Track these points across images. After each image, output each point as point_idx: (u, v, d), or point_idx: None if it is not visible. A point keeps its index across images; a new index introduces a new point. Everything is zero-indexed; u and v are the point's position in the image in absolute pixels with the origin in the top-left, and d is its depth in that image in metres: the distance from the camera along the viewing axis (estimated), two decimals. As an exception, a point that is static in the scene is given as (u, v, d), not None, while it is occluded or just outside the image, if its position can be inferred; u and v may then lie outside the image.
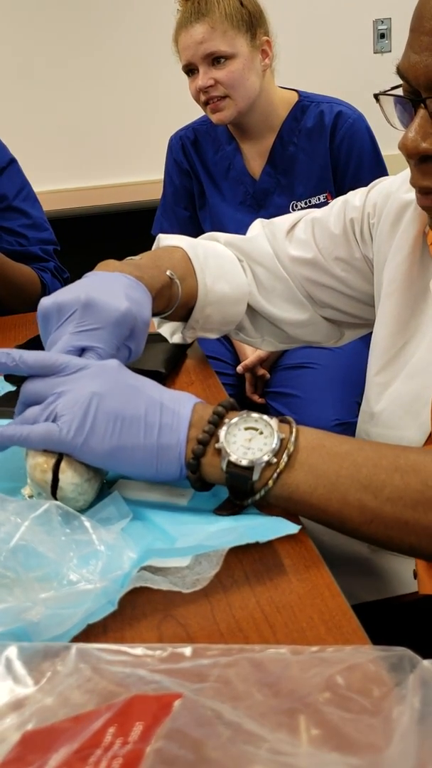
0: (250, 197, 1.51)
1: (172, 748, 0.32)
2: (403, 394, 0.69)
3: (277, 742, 0.33)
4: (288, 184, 1.48)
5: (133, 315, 0.61)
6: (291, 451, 0.51)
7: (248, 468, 0.50)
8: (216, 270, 0.79)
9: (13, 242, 1.29)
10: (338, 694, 0.37)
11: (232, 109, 1.36)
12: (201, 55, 1.32)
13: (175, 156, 1.56)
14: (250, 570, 0.50)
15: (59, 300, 0.59)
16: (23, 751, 0.34)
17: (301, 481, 0.51)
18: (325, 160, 1.45)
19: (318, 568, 0.50)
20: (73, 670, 0.39)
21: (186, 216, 1.61)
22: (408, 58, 0.54)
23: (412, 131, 0.54)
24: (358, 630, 0.44)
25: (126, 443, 0.52)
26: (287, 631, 0.45)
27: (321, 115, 1.44)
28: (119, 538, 0.49)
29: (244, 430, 0.52)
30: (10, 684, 0.39)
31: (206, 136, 1.52)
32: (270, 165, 1.48)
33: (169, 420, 0.53)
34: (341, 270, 0.80)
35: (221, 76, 1.33)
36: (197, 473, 0.52)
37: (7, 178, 1.31)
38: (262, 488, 0.51)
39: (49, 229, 1.38)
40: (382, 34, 2.68)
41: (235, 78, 1.33)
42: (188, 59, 1.35)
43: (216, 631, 0.45)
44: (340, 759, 0.33)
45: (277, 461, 0.51)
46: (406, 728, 0.34)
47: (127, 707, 0.36)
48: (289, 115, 1.45)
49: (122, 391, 0.53)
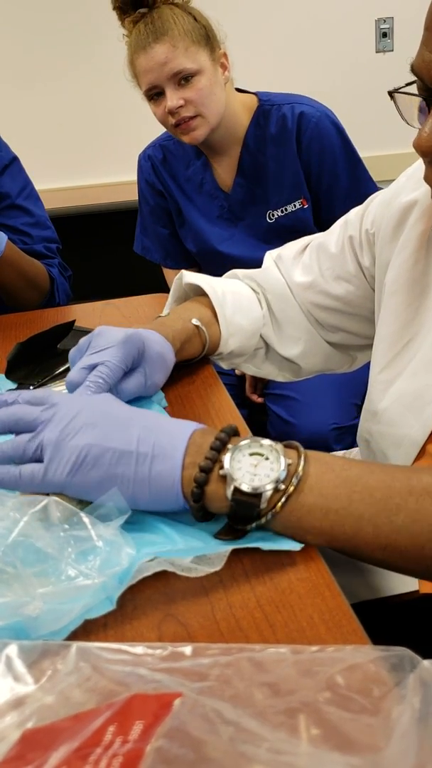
0: (226, 211, 1.48)
1: (172, 747, 0.32)
2: (406, 391, 0.69)
3: (277, 742, 0.33)
4: (261, 194, 1.44)
5: (140, 337, 0.66)
6: (300, 475, 0.49)
7: (255, 495, 0.49)
8: (233, 306, 0.82)
9: (17, 240, 1.29)
10: (338, 693, 0.37)
11: (205, 126, 1.32)
12: (167, 76, 1.26)
13: (146, 177, 1.53)
14: (250, 569, 0.50)
15: (78, 343, 0.68)
16: (23, 750, 0.34)
17: (312, 505, 0.49)
18: (295, 166, 1.40)
19: (318, 568, 0.50)
20: (74, 669, 0.40)
21: (165, 234, 1.58)
22: (422, 56, 0.54)
23: (427, 130, 0.54)
24: (358, 630, 0.44)
25: (116, 475, 0.50)
26: (287, 630, 0.45)
27: (283, 119, 1.38)
28: (118, 534, 0.49)
29: (249, 456, 0.50)
30: (10, 682, 0.39)
31: (174, 153, 1.48)
32: (240, 176, 1.44)
33: (162, 450, 0.51)
34: (344, 290, 0.82)
35: (190, 95, 1.28)
36: (200, 502, 0.50)
37: (9, 176, 1.31)
38: (269, 512, 0.49)
39: (52, 228, 1.38)
40: (384, 33, 2.68)
41: (204, 95, 1.29)
42: (152, 82, 1.28)
43: (216, 631, 0.45)
44: (340, 758, 0.33)
45: (286, 486, 0.49)
46: (405, 728, 0.34)
47: (127, 706, 0.36)
48: (252, 122, 1.39)
49: (110, 424, 0.52)
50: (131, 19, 1.30)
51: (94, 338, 0.66)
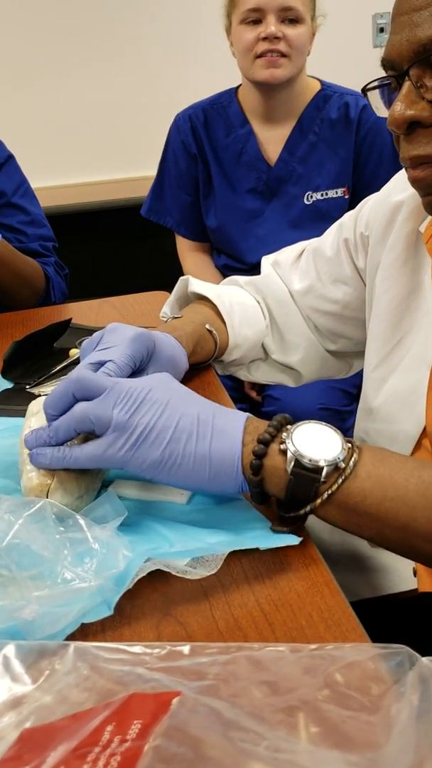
0: (263, 184, 1.46)
1: (170, 746, 0.32)
2: (399, 388, 0.70)
3: (276, 740, 0.33)
4: (305, 174, 1.44)
5: (151, 337, 0.65)
6: (357, 459, 0.50)
7: (316, 470, 0.49)
8: (240, 317, 0.83)
9: (12, 239, 1.29)
10: (337, 691, 0.37)
11: (289, 69, 1.33)
12: (278, 6, 1.28)
13: (183, 137, 1.48)
14: (249, 568, 0.50)
15: (93, 335, 0.67)
16: (22, 749, 0.34)
17: (368, 491, 0.49)
18: (348, 154, 1.43)
19: (317, 566, 0.50)
20: (72, 669, 0.39)
21: (188, 201, 1.54)
22: (390, 42, 0.55)
23: (398, 103, 0.55)
24: (357, 628, 0.44)
25: (176, 451, 0.50)
26: (286, 629, 0.44)
27: (346, 107, 1.41)
28: (114, 536, 0.49)
29: (309, 435, 0.51)
30: (8, 682, 0.39)
31: (217, 117, 1.46)
32: (287, 152, 1.43)
33: (222, 425, 0.51)
34: (342, 293, 0.82)
35: (291, 34, 1.31)
36: (260, 475, 0.50)
37: (5, 174, 1.30)
38: (325, 492, 0.49)
39: (48, 226, 1.37)
40: (382, 28, 2.67)
41: (301, 42, 1.32)
42: (260, 4, 1.28)
43: (215, 630, 0.45)
44: (339, 756, 0.33)
45: (345, 466, 0.49)
46: (404, 725, 0.34)
47: (125, 705, 0.36)
48: (311, 103, 1.42)
49: (171, 401, 0.52)
50: None
51: (106, 334, 0.66)
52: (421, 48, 0.53)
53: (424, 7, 0.52)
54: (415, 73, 0.54)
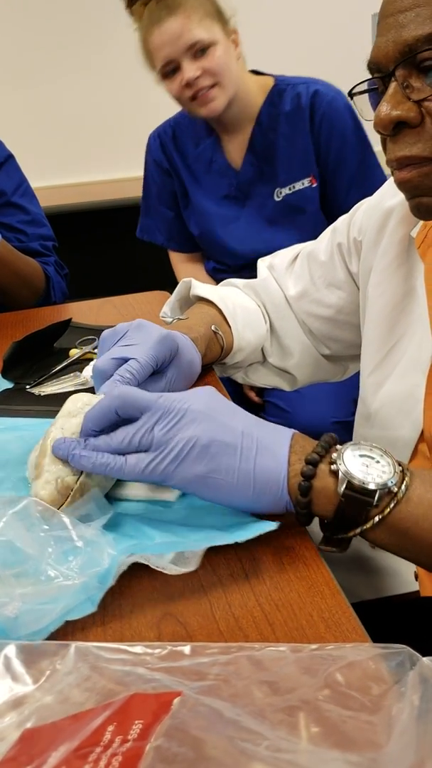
0: (234, 189, 1.48)
1: (171, 746, 0.32)
2: (395, 393, 0.70)
3: (276, 740, 0.33)
4: (270, 172, 1.45)
5: (175, 341, 0.66)
6: (408, 482, 0.49)
7: (368, 493, 0.48)
8: (243, 321, 0.83)
9: (12, 238, 1.29)
10: (338, 691, 0.37)
11: (223, 96, 1.32)
12: (183, 48, 1.27)
13: (154, 156, 1.53)
14: (249, 568, 0.50)
15: (116, 326, 0.67)
16: (23, 750, 0.34)
17: (421, 517, 0.48)
18: (306, 143, 1.42)
19: (317, 566, 0.50)
20: (72, 669, 0.39)
21: (171, 216, 1.58)
22: (376, 44, 0.56)
23: (384, 104, 0.55)
24: (358, 628, 0.44)
25: (220, 468, 0.50)
26: (287, 629, 0.45)
27: (298, 97, 1.40)
28: (99, 534, 0.49)
29: (360, 457, 0.50)
30: (9, 682, 0.39)
31: (185, 130, 1.49)
32: (251, 154, 1.45)
33: (267, 442, 0.51)
34: (336, 297, 0.82)
35: (208, 65, 1.28)
36: (308, 497, 0.50)
37: (5, 173, 1.30)
38: (377, 516, 0.48)
39: (48, 225, 1.37)
40: (381, 29, 2.67)
41: (222, 64, 1.29)
42: (168, 56, 1.29)
43: (215, 630, 0.45)
44: (340, 756, 0.33)
45: (397, 490, 0.49)
46: (405, 725, 0.34)
47: (126, 705, 0.36)
48: (266, 100, 1.41)
49: (215, 417, 0.52)
50: (141, 2, 1.31)
51: (132, 330, 0.65)
52: (406, 48, 0.53)
53: (409, 9, 0.53)
54: (401, 73, 0.54)
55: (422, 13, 0.52)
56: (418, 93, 0.54)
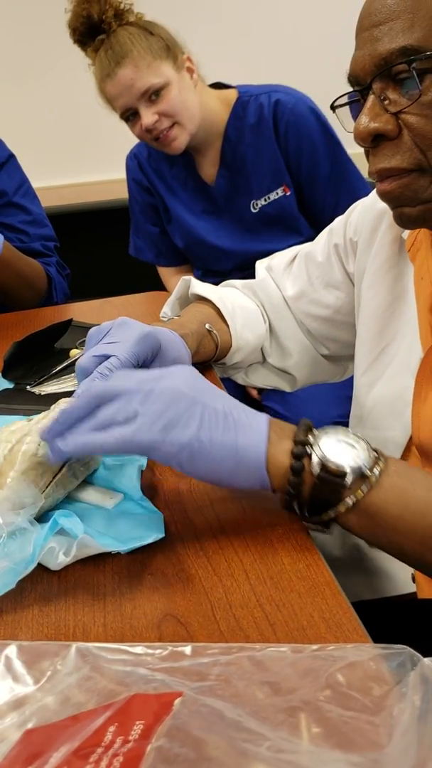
0: (211, 204, 1.50)
1: (172, 747, 0.32)
2: (386, 395, 0.70)
3: (278, 740, 0.33)
4: (244, 184, 1.46)
5: (157, 338, 0.66)
6: (382, 468, 0.50)
7: (341, 475, 0.49)
8: (242, 321, 0.83)
9: (14, 239, 1.28)
10: (339, 692, 0.37)
11: (184, 134, 1.34)
12: (136, 96, 1.29)
13: (133, 175, 1.55)
14: (250, 569, 0.50)
15: (102, 324, 0.67)
16: (24, 750, 0.34)
17: (391, 503, 0.49)
18: (274, 153, 1.42)
19: (318, 567, 0.50)
20: (73, 669, 0.39)
21: (156, 232, 1.60)
22: (354, 58, 0.57)
23: (363, 117, 0.56)
24: (359, 628, 0.44)
25: (204, 437, 0.50)
26: (287, 629, 0.44)
27: (260, 107, 1.40)
28: (25, 521, 0.50)
29: (337, 442, 0.51)
30: (10, 683, 0.39)
31: (159, 150, 1.48)
32: (223, 168, 1.45)
33: (247, 420, 0.52)
34: (334, 297, 0.83)
35: (163, 108, 1.30)
36: (300, 476, 0.50)
37: (6, 174, 1.30)
38: (349, 498, 0.49)
39: (49, 226, 1.37)
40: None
41: (176, 104, 1.30)
42: (125, 105, 1.31)
43: (216, 630, 0.45)
44: (341, 756, 0.33)
45: (370, 474, 0.49)
46: (406, 726, 0.34)
47: (127, 706, 0.36)
48: (231, 114, 1.41)
49: (196, 394, 0.52)
50: (92, 48, 1.32)
51: (115, 327, 0.66)
52: (382, 62, 0.54)
53: (383, 23, 0.54)
54: (378, 86, 0.55)
55: (395, 27, 0.53)
56: (395, 105, 0.55)
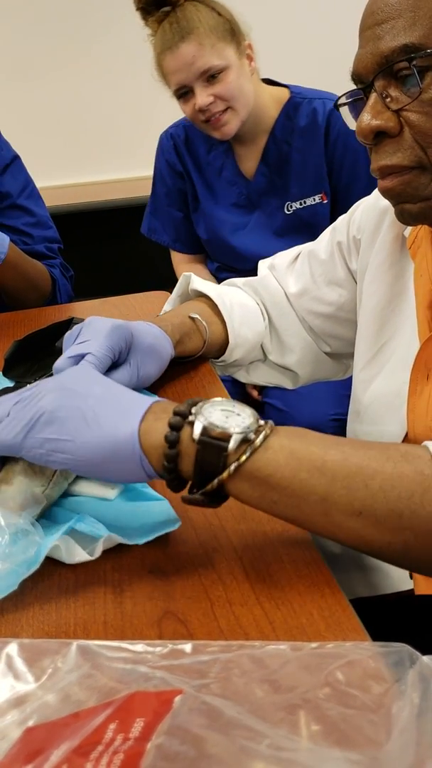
0: (244, 198, 1.49)
1: (173, 744, 0.32)
2: (384, 390, 0.71)
3: (277, 738, 0.34)
4: (282, 185, 1.45)
5: (128, 328, 0.67)
6: (268, 432, 0.48)
7: (223, 438, 0.47)
8: (240, 317, 0.83)
9: (18, 241, 1.26)
10: (338, 689, 0.37)
11: (236, 120, 1.34)
12: (195, 75, 1.28)
13: (166, 156, 1.53)
14: (249, 567, 0.50)
15: (72, 329, 0.69)
16: (25, 748, 0.34)
17: (282, 463, 0.47)
18: (320, 160, 1.42)
19: (317, 565, 0.50)
20: (74, 667, 0.40)
21: (179, 217, 1.58)
22: (357, 56, 0.58)
23: (365, 114, 0.57)
24: (358, 626, 0.44)
25: (69, 430, 0.49)
26: (287, 627, 0.45)
27: (314, 113, 1.40)
28: (28, 524, 0.50)
29: (221, 411, 0.49)
30: (11, 681, 0.39)
31: (198, 134, 1.48)
32: (264, 164, 1.45)
33: (123, 406, 0.50)
34: (336, 294, 0.83)
35: (220, 91, 1.29)
36: (175, 449, 0.48)
37: (10, 175, 1.29)
38: (233, 464, 0.47)
39: (53, 227, 1.36)
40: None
41: (233, 89, 1.30)
42: (181, 82, 1.30)
43: (216, 628, 0.45)
44: (341, 754, 0.33)
45: (255, 438, 0.47)
46: (405, 724, 0.35)
47: (127, 703, 0.36)
48: (281, 113, 1.41)
49: (70, 384, 0.52)
50: (155, 19, 1.30)
51: (84, 328, 0.67)
52: (383, 60, 0.55)
53: (385, 21, 0.55)
54: (380, 84, 0.56)
55: (397, 25, 0.54)
56: (397, 102, 0.56)
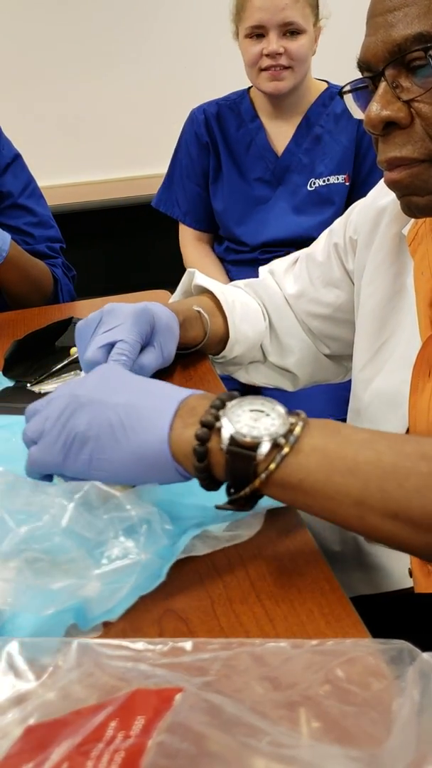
0: (270, 173, 1.54)
1: (173, 742, 0.32)
2: (384, 388, 0.71)
3: (278, 735, 0.34)
4: (309, 163, 1.52)
5: (151, 311, 0.66)
6: (298, 433, 0.45)
7: (251, 447, 0.45)
8: (241, 314, 0.83)
9: (20, 241, 1.25)
10: (338, 686, 0.37)
11: (291, 80, 1.40)
12: (278, 22, 1.34)
13: (196, 129, 1.58)
14: (249, 564, 0.50)
15: (87, 317, 0.67)
16: (26, 746, 0.35)
17: (314, 466, 0.44)
18: (350, 143, 1.50)
19: (317, 562, 0.50)
20: (75, 665, 0.40)
21: (196, 192, 1.62)
22: (365, 44, 0.56)
23: (374, 104, 0.55)
24: (358, 623, 0.44)
25: (104, 447, 0.49)
26: (287, 624, 0.45)
27: None
28: (154, 512, 0.49)
29: (249, 412, 0.47)
30: (12, 679, 0.39)
31: (230, 112, 1.55)
32: (294, 143, 1.52)
33: (150, 413, 0.49)
34: (334, 296, 0.83)
35: (292, 48, 1.37)
36: (204, 462, 0.47)
37: (11, 174, 1.28)
38: (263, 471, 0.45)
39: (55, 227, 1.35)
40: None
41: (302, 53, 1.38)
42: (262, 21, 1.35)
43: (216, 626, 0.45)
44: (341, 751, 0.33)
45: (284, 442, 0.45)
46: (405, 720, 0.35)
47: (128, 701, 0.36)
48: (317, 100, 1.50)
49: (100, 394, 0.51)
50: None
51: (105, 315, 0.65)
52: (396, 48, 0.53)
53: (398, 8, 0.53)
54: (390, 73, 0.54)
55: (411, 13, 0.52)
56: (408, 93, 0.54)
